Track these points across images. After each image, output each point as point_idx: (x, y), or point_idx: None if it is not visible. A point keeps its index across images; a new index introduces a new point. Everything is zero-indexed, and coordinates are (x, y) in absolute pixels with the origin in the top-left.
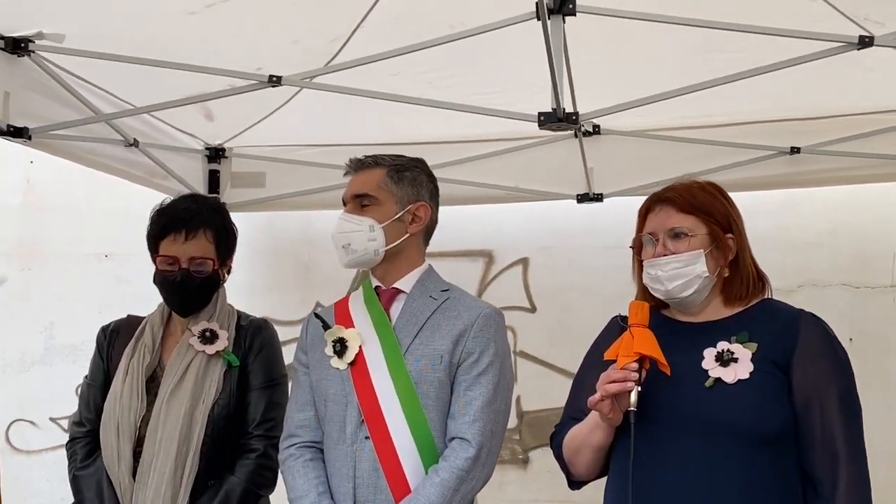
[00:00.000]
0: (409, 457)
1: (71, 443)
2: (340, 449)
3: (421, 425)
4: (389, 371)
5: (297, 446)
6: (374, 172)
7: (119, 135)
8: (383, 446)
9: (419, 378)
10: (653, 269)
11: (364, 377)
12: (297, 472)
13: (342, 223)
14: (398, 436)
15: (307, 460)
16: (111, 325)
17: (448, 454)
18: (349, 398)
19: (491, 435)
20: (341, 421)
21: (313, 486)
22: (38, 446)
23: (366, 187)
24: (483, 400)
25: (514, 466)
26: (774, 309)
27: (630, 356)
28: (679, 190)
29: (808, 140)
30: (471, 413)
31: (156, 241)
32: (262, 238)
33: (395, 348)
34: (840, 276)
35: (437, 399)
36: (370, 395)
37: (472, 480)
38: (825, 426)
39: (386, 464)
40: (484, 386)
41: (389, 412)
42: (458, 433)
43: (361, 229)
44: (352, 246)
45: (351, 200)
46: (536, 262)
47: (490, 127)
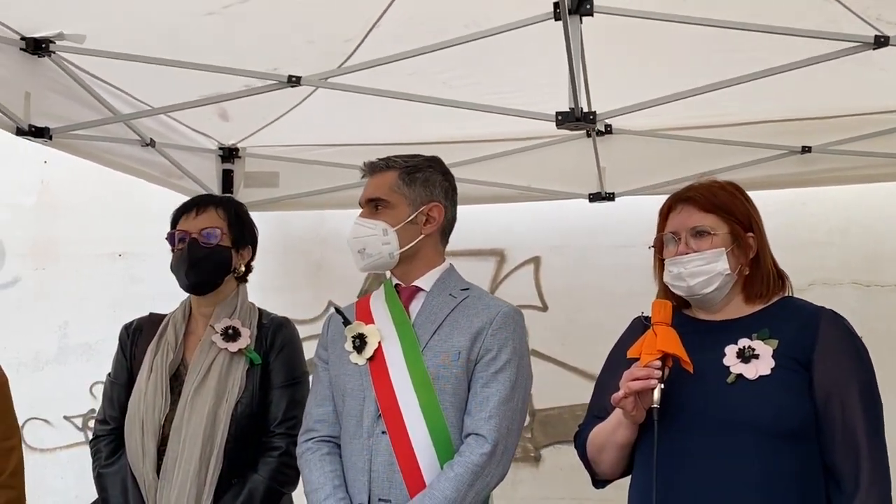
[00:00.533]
0: (424, 452)
1: (95, 440)
2: (357, 443)
3: (437, 421)
4: (407, 367)
5: (314, 440)
6: (386, 175)
7: (136, 135)
8: (399, 441)
9: (437, 374)
10: (675, 266)
11: (382, 372)
12: (313, 466)
13: (357, 228)
14: (414, 431)
15: (324, 454)
16: (134, 323)
17: (463, 450)
18: (367, 393)
19: (507, 432)
20: (358, 415)
21: (329, 479)
22: (52, 444)
23: (378, 191)
24: (500, 397)
25: (527, 464)
26: (795, 306)
27: (653, 354)
28: (700, 189)
29: (819, 139)
30: (487, 409)
31: (173, 226)
32: (275, 237)
33: (413, 345)
34: (850, 275)
35: (454, 395)
36: (388, 390)
37: (487, 477)
38: (846, 422)
39: (402, 458)
40: (501, 383)
41: (406, 407)
42: (475, 429)
43: (375, 233)
44: (366, 250)
45: (365, 205)
46: (548, 262)
47: (502, 127)
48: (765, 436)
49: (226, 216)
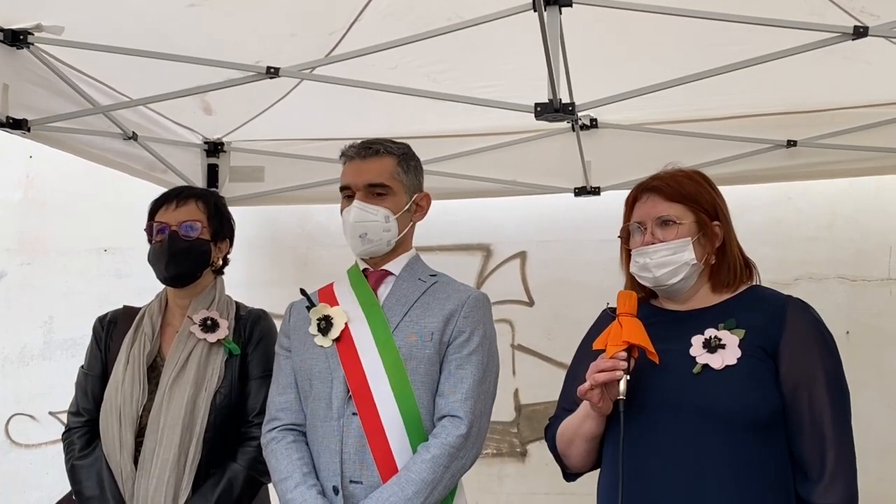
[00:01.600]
0: (395, 433)
1: (67, 433)
2: (327, 426)
3: (408, 401)
4: (378, 347)
5: (278, 429)
6: (385, 161)
7: (118, 128)
8: (370, 422)
9: (409, 354)
10: (641, 257)
11: (351, 354)
12: (280, 455)
13: (361, 213)
14: (385, 412)
15: (290, 442)
16: (108, 316)
17: (439, 432)
18: (334, 374)
19: (480, 414)
20: (327, 398)
21: (297, 467)
22: (37, 440)
23: (381, 177)
24: (474, 379)
25: (513, 459)
26: (762, 295)
27: (618, 345)
28: (665, 179)
29: (805, 133)
30: (462, 391)
31: (151, 217)
32: (261, 232)
33: (384, 325)
34: (837, 270)
35: (425, 376)
36: (357, 372)
37: (463, 458)
38: (813, 410)
39: (373, 440)
40: (475, 365)
41: (377, 388)
42: (450, 411)
43: (378, 219)
44: (368, 236)
45: (364, 189)
46: (534, 256)
47: (488, 121)
48: (731, 425)
49: (205, 209)
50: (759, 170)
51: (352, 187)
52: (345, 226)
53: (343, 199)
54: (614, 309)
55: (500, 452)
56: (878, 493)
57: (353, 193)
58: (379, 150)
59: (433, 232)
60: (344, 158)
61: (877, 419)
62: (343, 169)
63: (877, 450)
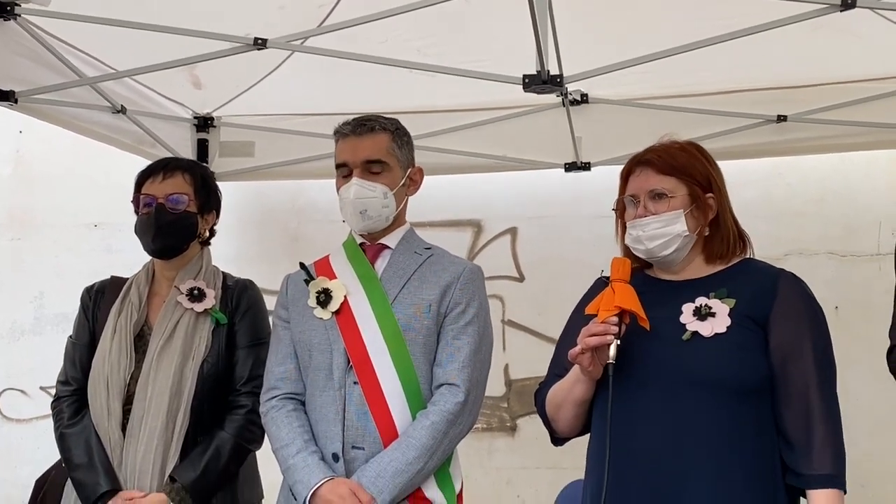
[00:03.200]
0: (396, 401)
1: (56, 402)
2: (328, 394)
3: (408, 371)
4: (377, 319)
5: (278, 398)
6: (380, 137)
7: (106, 101)
8: (371, 391)
9: (408, 326)
10: (634, 229)
11: (351, 325)
12: (280, 423)
13: (360, 189)
14: (386, 381)
15: (290, 411)
16: (96, 286)
17: (437, 399)
18: (334, 345)
19: (477, 382)
20: (327, 368)
21: (298, 434)
22: (28, 415)
23: (378, 153)
24: (471, 348)
25: (503, 434)
26: (754, 268)
27: (610, 310)
28: (659, 151)
29: (795, 108)
30: (459, 360)
31: (138, 189)
32: (251, 208)
33: (382, 298)
34: (826, 245)
35: (424, 346)
36: (358, 343)
37: (460, 425)
38: (800, 383)
39: (374, 407)
40: (471, 336)
41: (377, 358)
42: (447, 379)
43: (376, 196)
44: (368, 212)
45: (362, 166)
46: (525, 232)
47: (478, 96)
48: (717, 392)
49: (192, 182)
50: (750, 145)
51: (349, 164)
52: (343, 203)
53: (339, 176)
54: (608, 277)
55: (490, 427)
56: (868, 468)
57: (349, 171)
58: (374, 126)
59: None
60: (338, 136)
61: (866, 394)
62: (337, 146)
63: (866, 425)
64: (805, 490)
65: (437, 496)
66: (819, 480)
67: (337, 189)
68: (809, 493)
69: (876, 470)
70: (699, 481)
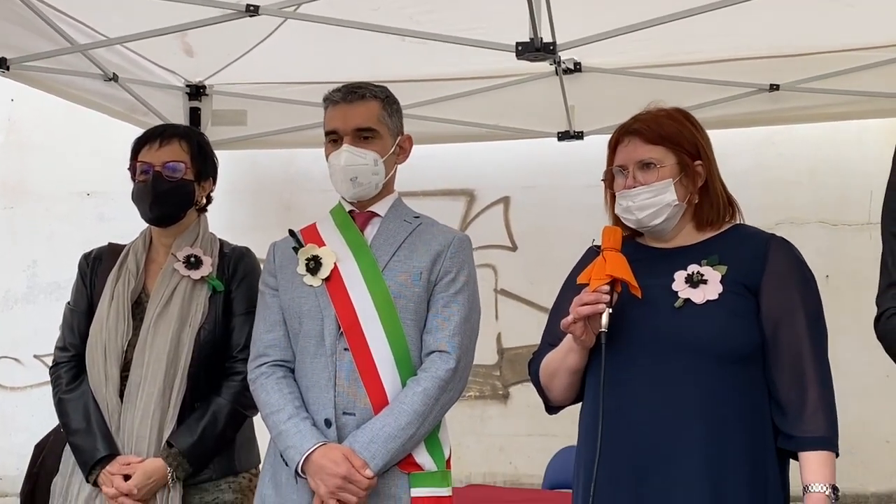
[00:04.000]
0: (386, 367)
1: (55, 367)
2: (319, 361)
3: (399, 338)
4: (367, 286)
5: (267, 365)
6: (370, 105)
7: (98, 69)
8: (362, 357)
9: (399, 293)
10: (624, 200)
11: (341, 292)
12: (270, 389)
13: (351, 156)
14: (376, 348)
15: (280, 377)
16: (93, 252)
17: (428, 366)
18: (325, 312)
19: (467, 350)
20: (318, 335)
21: (289, 400)
22: (22, 383)
23: (368, 120)
24: (461, 316)
25: (495, 402)
26: (745, 233)
27: (602, 279)
28: (646, 120)
29: (788, 77)
30: (450, 328)
31: (134, 156)
32: (244, 177)
33: (372, 265)
34: (818, 214)
35: (415, 313)
36: (348, 309)
37: (451, 391)
38: (793, 348)
39: (365, 374)
40: (461, 304)
41: (368, 325)
42: (438, 346)
43: (367, 163)
44: (358, 179)
45: (352, 133)
46: (517, 201)
47: (471, 65)
48: (710, 359)
49: (189, 149)
50: (742, 114)
51: (339, 131)
52: (333, 170)
53: (328, 143)
54: (599, 246)
55: (482, 395)
56: (857, 435)
57: (339, 138)
58: (364, 94)
59: (416, 177)
60: (328, 103)
61: (856, 362)
62: (327, 113)
63: (855, 392)
64: (797, 453)
65: (426, 461)
66: (812, 442)
67: (326, 156)
68: (802, 455)
69: (865, 437)
70: (691, 447)
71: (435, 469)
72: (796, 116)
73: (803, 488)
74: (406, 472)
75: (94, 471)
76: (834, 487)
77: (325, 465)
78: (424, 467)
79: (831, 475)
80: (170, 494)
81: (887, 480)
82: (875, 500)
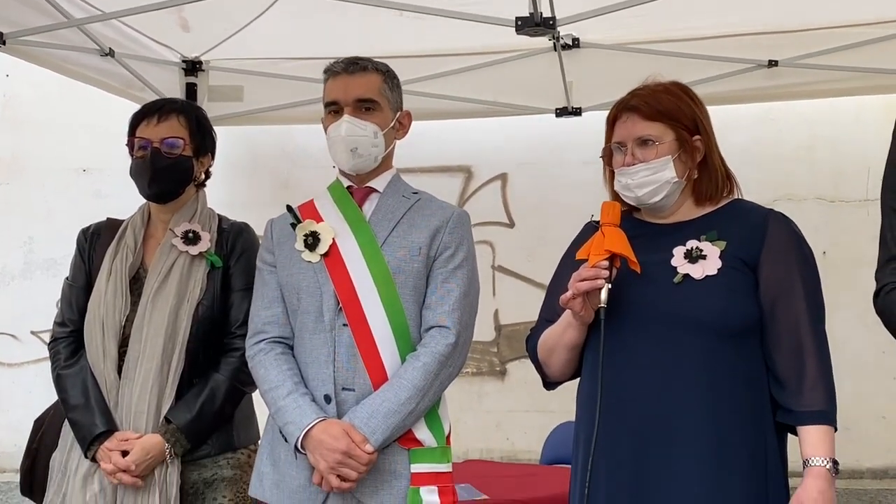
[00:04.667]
0: (385, 343)
1: (54, 343)
2: (318, 337)
3: (398, 313)
4: (366, 262)
5: (266, 341)
6: (371, 77)
7: (94, 44)
8: (361, 333)
9: (398, 269)
10: (623, 177)
11: (340, 268)
12: (269, 365)
13: (352, 127)
14: (376, 323)
15: (278, 354)
16: (91, 228)
17: (427, 342)
18: (324, 288)
19: (466, 325)
20: (317, 311)
21: (288, 376)
22: (19, 359)
23: (370, 92)
24: (460, 292)
25: (493, 378)
26: (744, 208)
27: (601, 254)
28: (644, 96)
29: (786, 53)
30: (450, 303)
31: (132, 132)
32: (241, 153)
33: (371, 240)
34: (816, 191)
35: (414, 289)
36: (347, 285)
37: (451, 367)
38: (791, 322)
39: (364, 350)
40: (460, 279)
41: (367, 301)
42: (438, 322)
43: (367, 134)
44: (358, 150)
45: (353, 104)
46: (515, 178)
47: (469, 41)
48: (709, 334)
49: (187, 124)
50: (741, 90)
51: (340, 102)
52: (333, 141)
53: (328, 114)
54: (598, 221)
55: (480, 371)
56: (853, 410)
57: (340, 108)
58: (366, 66)
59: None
60: (329, 74)
61: (852, 338)
62: (328, 85)
63: (852, 368)
64: (795, 427)
65: (427, 437)
66: (811, 417)
67: (324, 128)
68: (801, 429)
69: (861, 413)
70: (689, 423)
71: (435, 445)
72: (795, 92)
73: (803, 462)
74: (406, 448)
75: (92, 446)
76: (834, 461)
77: (325, 441)
78: (425, 443)
79: (831, 449)
80: (168, 470)
81: (882, 456)
82: (870, 475)
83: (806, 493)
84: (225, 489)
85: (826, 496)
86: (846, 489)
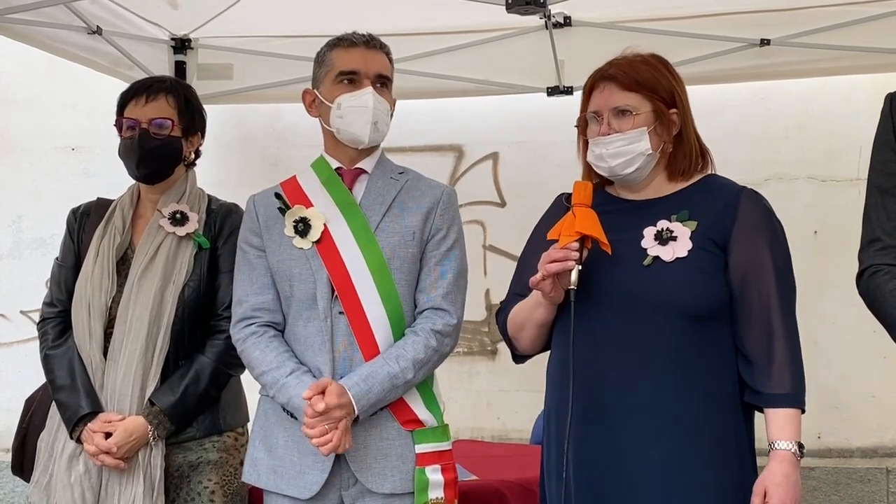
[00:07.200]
0: (381, 330)
1: (42, 323)
2: (313, 325)
3: (393, 299)
4: (360, 247)
5: (256, 325)
6: (382, 55)
7: (82, 21)
8: (357, 321)
9: (392, 254)
10: (597, 147)
11: (333, 254)
12: (265, 347)
13: (376, 100)
14: (371, 310)
15: (272, 337)
16: (81, 208)
17: (424, 321)
18: (317, 275)
19: (461, 306)
20: (311, 298)
21: (287, 357)
22: (8, 339)
23: (387, 70)
24: (454, 273)
25: (483, 358)
26: (716, 185)
27: (572, 236)
28: (623, 66)
29: (778, 32)
30: (444, 285)
31: (120, 111)
32: (230, 132)
33: (364, 226)
34: (806, 170)
35: (408, 274)
36: (341, 272)
37: (447, 346)
38: (761, 303)
39: (360, 337)
40: (453, 260)
41: (362, 287)
42: (434, 304)
43: (385, 110)
44: (378, 125)
45: (374, 77)
46: (506, 157)
47: (460, 19)
48: (678, 317)
49: (176, 104)
50: (732, 69)
51: (361, 72)
52: (353, 112)
53: (339, 83)
54: (569, 197)
55: (471, 351)
56: (842, 389)
57: (358, 79)
58: (382, 45)
59: (404, 132)
60: (344, 43)
61: (842, 317)
62: (341, 54)
63: (841, 347)
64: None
65: (428, 417)
66: (778, 399)
67: (331, 97)
68: (768, 411)
69: (850, 392)
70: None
71: (436, 424)
72: (786, 71)
73: (769, 444)
74: (410, 429)
75: (77, 427)
76: (799, 444)
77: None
78: (427, 423)
79: (797, 432)
80: (152, 453)
81: (872, 435)
82: (860, 454)
83: (771, 477)
84: (211, 472)
85: (790, 479)
86: (835, 468)
